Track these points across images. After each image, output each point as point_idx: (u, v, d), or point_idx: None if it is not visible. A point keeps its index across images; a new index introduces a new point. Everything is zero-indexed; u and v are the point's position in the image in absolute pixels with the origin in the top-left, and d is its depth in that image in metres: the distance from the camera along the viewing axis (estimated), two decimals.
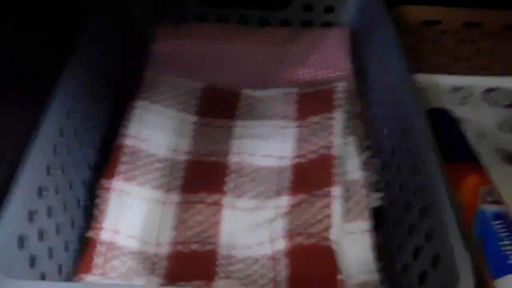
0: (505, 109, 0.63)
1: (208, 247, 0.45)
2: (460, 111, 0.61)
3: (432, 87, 0.65)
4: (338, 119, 0.52)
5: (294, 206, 0.47)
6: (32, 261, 0.37)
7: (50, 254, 0.40)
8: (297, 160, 0.51)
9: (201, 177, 0.50)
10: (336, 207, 0.45)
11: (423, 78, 0.65)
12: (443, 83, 0.66)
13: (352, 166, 0.49)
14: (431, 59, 0.68)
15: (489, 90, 0.66)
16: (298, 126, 0.53)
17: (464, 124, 0.59)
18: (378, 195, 0.48)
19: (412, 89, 0.49)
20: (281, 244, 0.44)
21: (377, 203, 0.48)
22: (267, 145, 0.52)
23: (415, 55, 0.67)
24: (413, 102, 0.47)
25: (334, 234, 0.44)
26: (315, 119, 0.53)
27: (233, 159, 0.51)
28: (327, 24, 0.66)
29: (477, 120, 0.61)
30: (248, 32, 0.64)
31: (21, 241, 0.36)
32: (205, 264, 0.44)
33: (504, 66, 0.68)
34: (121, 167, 0.48)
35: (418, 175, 0.42)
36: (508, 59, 0.68)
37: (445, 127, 0.56)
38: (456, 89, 0.66)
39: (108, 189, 0.46)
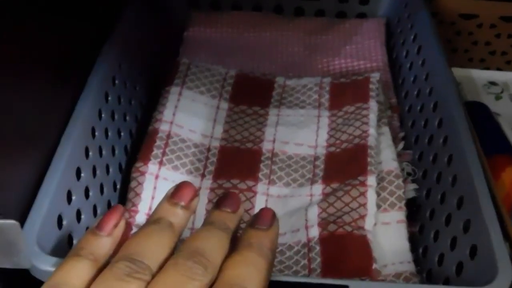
0: None
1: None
2: (495, 106, 0.60)
3: (467, 81, 0.65)
4: (372, 109, 0.51)
5: (329, 194, 0.46)
6: (70, 240, 0.38)
7: None
8: (331, 149, 0.50)
9: (235, 163, 0.50)
10: (372, 196, 0.45)
11: (458, 72, 0.64)
12: (479, 78, 0.65)
13: (387, 156, 0.49)
14: (466, 52, 0.67)
15: None
16: (332, 116, 0.53)
17: (499, 119, 0.58)
18: (413, 185, 0.48)
19: (449, 79, 0.48)
20: (316, 232, 0.44)
21: (412, 193, 0.47)
22: (301, 133, 0.52)
23: (451, 48, 0.66)
24: (451, 92, 0.47)
25: (369, 224, 0.44)
26: (349, 109, 0.53)
27: (267, 146, 0.51)
28: (362, 15, 0.66)
29: None
30: (283, 21, 0.64)
31: (60, 221, 0.37)
32: None
33: None
34: (156, 152, 0.48)
35: (456, 165, 0.42)
36: None
37: (481, 120, 0.55)
38: (492, 83, 0.65)
39: (144, 172, 0.47)
